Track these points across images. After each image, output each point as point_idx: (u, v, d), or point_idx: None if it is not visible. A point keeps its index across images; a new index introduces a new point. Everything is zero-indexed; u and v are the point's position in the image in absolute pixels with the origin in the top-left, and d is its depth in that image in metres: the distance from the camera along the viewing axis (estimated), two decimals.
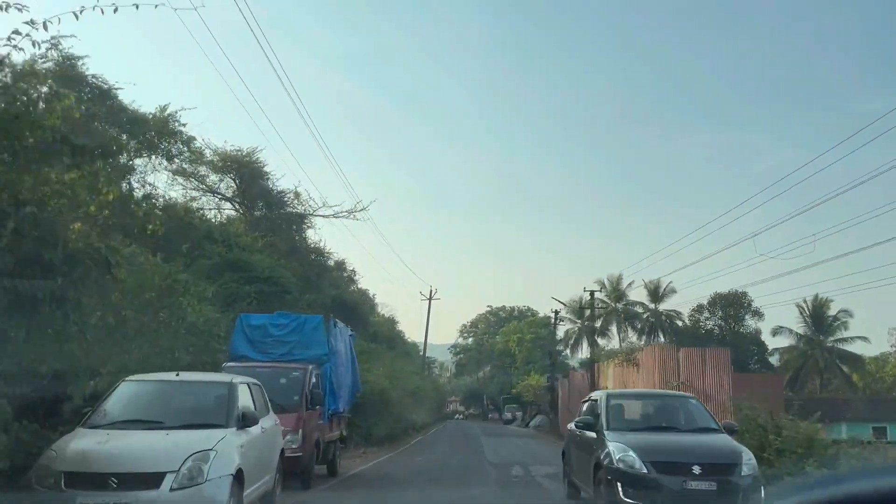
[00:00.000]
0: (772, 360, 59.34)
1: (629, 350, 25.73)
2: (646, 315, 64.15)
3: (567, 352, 64.65)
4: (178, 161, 25.78)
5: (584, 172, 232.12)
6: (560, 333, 73.77)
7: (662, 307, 61.92)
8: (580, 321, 58.88)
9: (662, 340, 56.19)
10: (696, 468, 8.67)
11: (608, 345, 63.00)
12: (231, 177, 30.33)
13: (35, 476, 6.96)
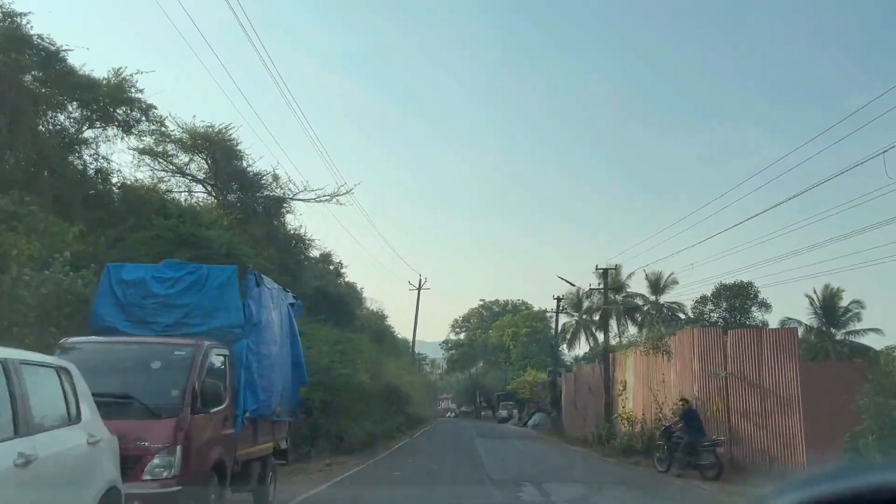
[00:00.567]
0: None
1: (657, 336, 21.09)
2: (646, 307, 60.65)
3: (564, 347, 61.85)
4: (137, 132, 23.17)
5: (582, 168, 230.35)
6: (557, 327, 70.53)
7: (664, 299, 58.66)
8: (578, 314, 56.12)
9: (665, 334, 52.77)
10: None
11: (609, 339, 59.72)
12: (202, 157, 27.66)
13: None
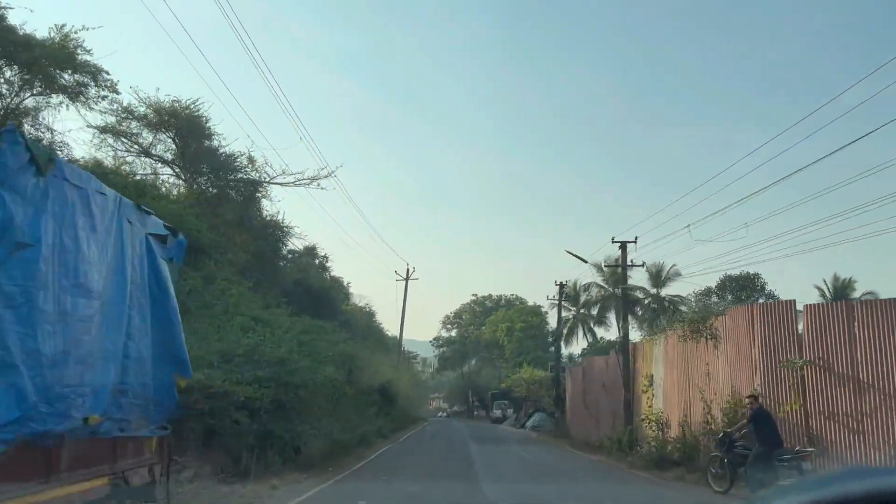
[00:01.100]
0: None
1: (700, 315, 16.63)
2: (647, 300, 57.46)
3: (560, 343, 58.52)
4: (86, 100, 21.11)
5: (581, 165, 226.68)
6: (552, 322, 66.93)
7: (665, 292, 55.38)
8: (575, 308, 53.16)
9: (667, 329, 49.26)
10: None
11: (605, 335, 56.90)
12: (169, 135, 25.87)
13: None
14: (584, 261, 23.67)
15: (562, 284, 40.09)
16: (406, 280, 53.31)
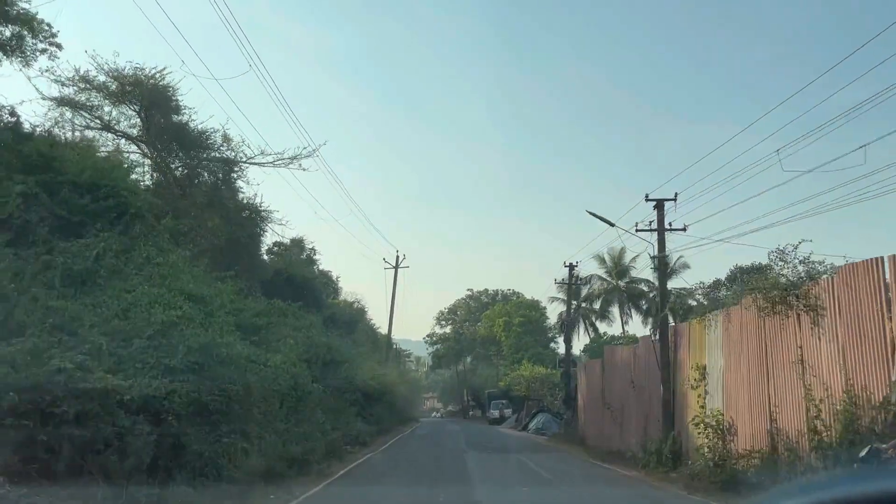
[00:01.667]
0: None
1: (792, 282, 11.85)
2: (652, 294, 54.15)
3: (560, 340, 55.60)
4: (23, 56, 18.55)
5: (582, 157, 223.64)
6: (552, 317, 63.25)
7: (672, 285, 51.75)
8: (576, 302, 50.87)
9: (672, 323, 44.73)
10: None
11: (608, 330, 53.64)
12: (133, 108, 23.51)
13: None
14: (611, 223, 18.81)
15: (572, 266, 35.52)
16: (395, 268, 48.88)
